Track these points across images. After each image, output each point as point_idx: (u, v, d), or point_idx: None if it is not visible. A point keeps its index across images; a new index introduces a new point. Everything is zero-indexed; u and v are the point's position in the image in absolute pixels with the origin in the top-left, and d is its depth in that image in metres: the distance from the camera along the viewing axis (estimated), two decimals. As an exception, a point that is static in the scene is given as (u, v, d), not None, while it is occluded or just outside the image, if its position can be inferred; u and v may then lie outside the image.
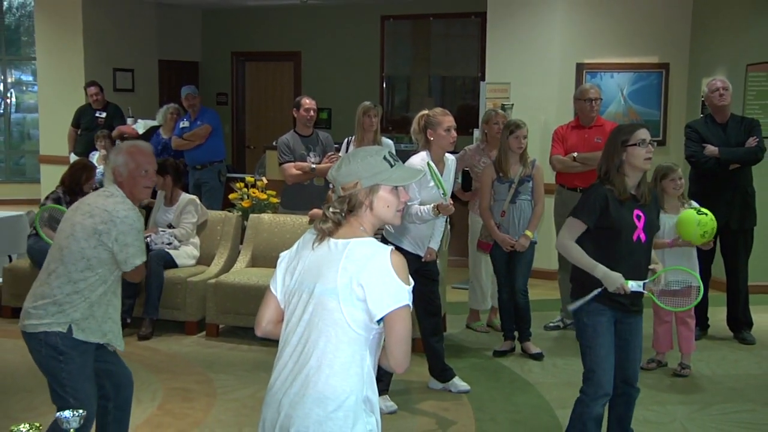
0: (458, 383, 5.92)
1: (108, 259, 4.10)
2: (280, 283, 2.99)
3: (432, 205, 5.38)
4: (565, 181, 7.24)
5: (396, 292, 2.75)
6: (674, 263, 6.16)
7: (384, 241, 5.34)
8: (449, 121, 5.60)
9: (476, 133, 9.30)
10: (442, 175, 5.55)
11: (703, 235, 5.79)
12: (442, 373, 5.94)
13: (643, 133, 4.41)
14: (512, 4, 9.45)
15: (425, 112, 5.78)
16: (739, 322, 7.21)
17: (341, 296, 2.76)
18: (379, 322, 2.77)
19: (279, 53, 14.36)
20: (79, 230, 4.08)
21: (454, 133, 5.62)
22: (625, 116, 9.16)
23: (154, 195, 8.10)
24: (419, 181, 5.22)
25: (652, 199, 4.52)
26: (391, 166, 2.88)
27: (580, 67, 9.23)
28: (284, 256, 3.05)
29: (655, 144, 4.43)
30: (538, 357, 6.59)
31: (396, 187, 2.89)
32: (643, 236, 4.38)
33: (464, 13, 12.57)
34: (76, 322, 4.05)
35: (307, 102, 7.68)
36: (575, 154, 7.04)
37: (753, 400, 5.86)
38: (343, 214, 2.87)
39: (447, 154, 5.76)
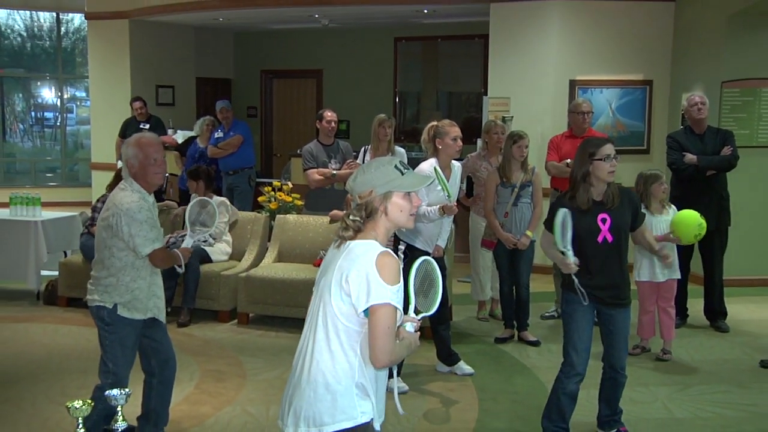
0: (463, 367, 5.91)
1: (125, 247, 4.14)
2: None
3: (438, 206, 5.35)
4: (559, 186, 7.14)
5: (376, 290, 2.69)
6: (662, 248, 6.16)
7: (397, 240, 5.33)
8: (455, 131, 5.59)
9: (479, 142, 9.30)
10: (448, 180, 5.49)
11: (696, 236, 5.81)
12: (449, 358, 5.93)
13: (609, 149, 4.41)
14: (511, 27, 9.43)
15: (434, 123, 5.78)
16: (715, 312, 7.17)
17: (333, 291, 2.76)
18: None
19: (303, 71, 14.36)
20: (100, 223, 4.23)
21: (459, 143, 5.62)
22: (613, 128, 9.14)
23: (186, 199, 8.14)
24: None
25: (622, 201, 4.48)
26: (402, 173, 2.85)
27: (572, 84, 9.20)
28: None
29: (619, 158, 4.43)
30: (535, 344, 6.58)
31: (408, 192, 2.86)
32: (609, 237, 4.41)
33: (469, 35, 12.54)
34: (123, 304, 4.17)
35: (329, 114, 7.69)
36: (568, 161, 6.95)
37: (727, 381, 5.83)
38: (362, 221, 2.84)
39: (453, 162, 5.75)
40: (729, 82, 8.50)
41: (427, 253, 5.44)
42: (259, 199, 8.57)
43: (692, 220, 5.77)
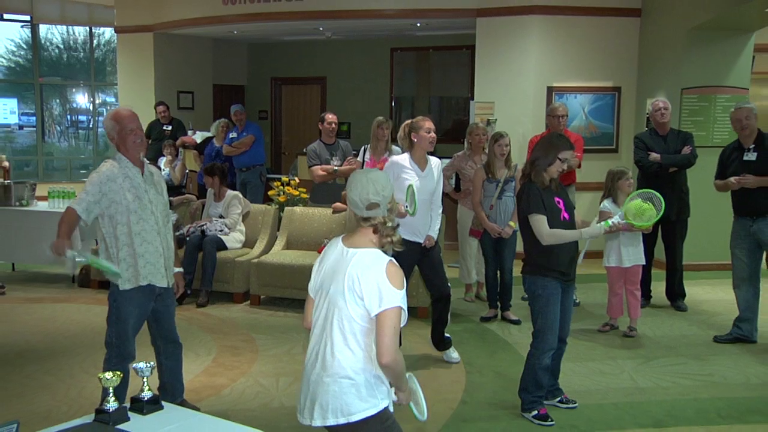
0: (451, 354, 5.72)
1: (105, 215, 3.96)
2: (311, 284, 2.97)
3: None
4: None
5: (387, 296, 2.70)
6: (629, 242, 6.16)
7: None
8: (429, 124, 5.41)
9: (465, 142, 9.30)
10: (423, 171, 5.37)
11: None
12: (440, 344, 5.75)
13: (570, 154, 4.48)
14: (496, 39, 9.42)
15: (408, 121, 5.72)
16: (675, 294, 7.19)
17: (347, 297, 2.75)
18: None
19: (308, 78, 14.33)
20: None
21: (433, 134, 5.41)
22: (586, 129, 9.14)
23: (204, 193, 8.14)
24: (396, 174, 5.24)
25: (561, 188, 4.60)
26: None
27: (550, 90, 9.19)
28: (317, 262, 2.99)
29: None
30: (516, 323, 6.58)
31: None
32: (566, 215, 4.48)
33: (457, 46, 12.52)
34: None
35: (330, 117, 7.68)
36: None
37: (685, 354, 5.85)
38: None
39: (431, 157, 5.53)
40: (688, 89, 8.50)
41: (418, 243, 5.40)
42: (270, 192, 8.56)
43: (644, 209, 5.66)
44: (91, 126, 15.36)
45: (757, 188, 5.86)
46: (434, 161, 5.54)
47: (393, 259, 2.82)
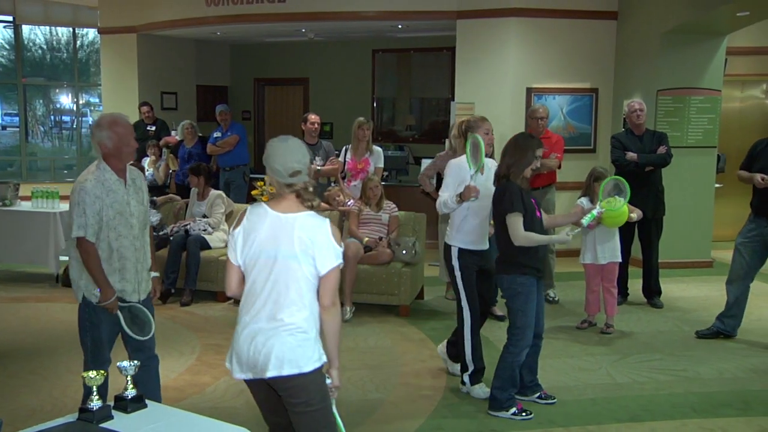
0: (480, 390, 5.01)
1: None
2: (239, 253, 3.03)
3: (456, 194, 4.75)
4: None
5: (335, 255, 2.95)
6: (603, 239, 6.19)
7: (448, 248, 4.94)
8: (488, 126, 5.04)
9: (447, 142, 9.30)
10: (482, 174, 4.74)
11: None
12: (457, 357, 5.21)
13: (540, 150, 4.57)
14: (475, 40, 9.44)
15: (465, 118, 5.29)
16: (651, 291, 7.25)
17: (300, 259, 2.91)
18: None
19: (291, 79, 14.28)
20: None
21: (492, 136, 5.10)
22: (564, 130, 9.18)
23: (188, 192, 8.10)
24: (459, 175, 4.81)
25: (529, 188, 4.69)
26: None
27: (529, 91, 9.23)
28: (239, 233, 3.05)
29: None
30: (500, 318, 6.57)
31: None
32: (539, 213, 4.57)
33: (438, 47, 12.53)
34: (87, 288, 3.96)
35: (312, 117, 7.68)
36: None
37: (661, 350, 5.90)
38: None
39: (488, 159, 4.89)
40: (663, 91, 8.58)
41: (480, 252, 4.92)
42: (253, 192, 8.49)
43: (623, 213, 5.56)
44: (74, 126, 15.18)
45: None
46: (490, 161, 4.95)
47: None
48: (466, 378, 4.98)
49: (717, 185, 8.88)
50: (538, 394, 4.82)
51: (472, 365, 4.96)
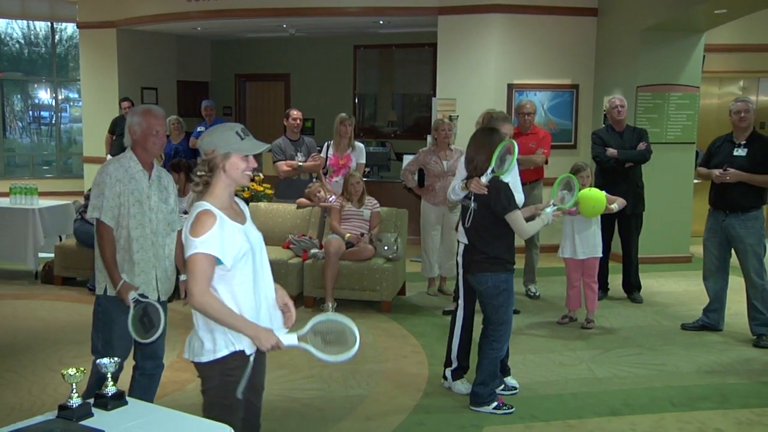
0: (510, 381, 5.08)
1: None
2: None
3: (462, 180, 4.69)
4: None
5: (189, 243, 2.84)
6: (583, 233, 6.20)
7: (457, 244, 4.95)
8: (508, 128, 5.04)
9: (429, 138, 9.30)
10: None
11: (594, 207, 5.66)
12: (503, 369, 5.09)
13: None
14: (457, 37, 9.44)
15: (489, 110, 5.39)
16: (631, 286, 7.30)
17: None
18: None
19: (272, 75, 14.24)
20: None
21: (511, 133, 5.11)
22: (545, 126, 9.17)
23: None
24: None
25: None
26: (242, 139, 2.90)
27: (510, 87, 9.25)
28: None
29: None
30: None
31: (246, 155, 2.90)
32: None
33: (420, 43, 12.53)
34: (107, 282, 3.80)
35: (294, 113, 7.65)
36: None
37: (640, 345, 5.94)
38: (208, 175, 2.90)
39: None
40: (643, 87, 8.63)
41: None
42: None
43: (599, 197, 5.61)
44: (53, 122, 14.98)
45: (735, 183, 5.85)
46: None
47: (212, 209, 2.88)
48: (448, 373, 4.99)
49: (696, 181, 8.94)
50: (502, 386, 4.86)
51: (457, 362, 4.97)
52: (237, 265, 2.87)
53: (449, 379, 4.98)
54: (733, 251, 6.10)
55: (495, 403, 4.58)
